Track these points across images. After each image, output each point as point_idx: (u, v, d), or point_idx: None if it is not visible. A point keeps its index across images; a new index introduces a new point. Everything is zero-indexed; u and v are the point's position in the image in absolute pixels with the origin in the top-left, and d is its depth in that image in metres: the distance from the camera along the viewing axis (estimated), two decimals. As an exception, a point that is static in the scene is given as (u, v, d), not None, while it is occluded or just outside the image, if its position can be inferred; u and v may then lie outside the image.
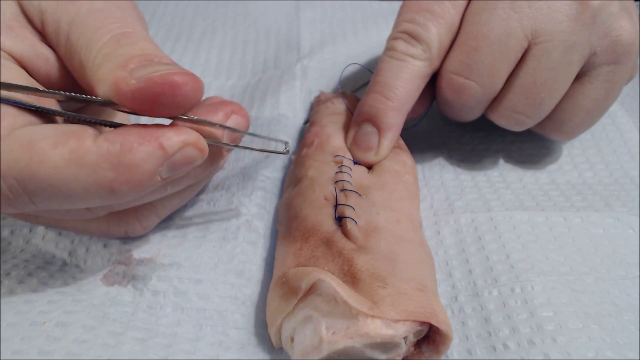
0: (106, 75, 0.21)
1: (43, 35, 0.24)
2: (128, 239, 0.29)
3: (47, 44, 0.25)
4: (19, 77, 0.23)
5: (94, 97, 0.22)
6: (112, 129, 0.22)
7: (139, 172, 0.21)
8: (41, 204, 0.21)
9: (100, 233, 0.28)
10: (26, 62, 0.24)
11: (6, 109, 0.21)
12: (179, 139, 0.21)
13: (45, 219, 0.26)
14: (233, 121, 0.26)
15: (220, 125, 0.25)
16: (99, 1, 0.24)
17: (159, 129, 0.21)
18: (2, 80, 0.21)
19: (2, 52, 0.23)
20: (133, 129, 0.21)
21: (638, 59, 0.31)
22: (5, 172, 0.20)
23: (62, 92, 0.22)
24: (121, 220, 0.27)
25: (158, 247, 0.28)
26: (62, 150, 0.20)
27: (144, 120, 0.24)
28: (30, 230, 0.30)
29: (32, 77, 0.24)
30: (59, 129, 0.21)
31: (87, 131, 0.21)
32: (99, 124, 0.23)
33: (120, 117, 0.32)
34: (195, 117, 0.24)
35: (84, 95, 0.22)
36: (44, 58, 0.24)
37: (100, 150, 0.20)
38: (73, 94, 0.22)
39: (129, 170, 0.20)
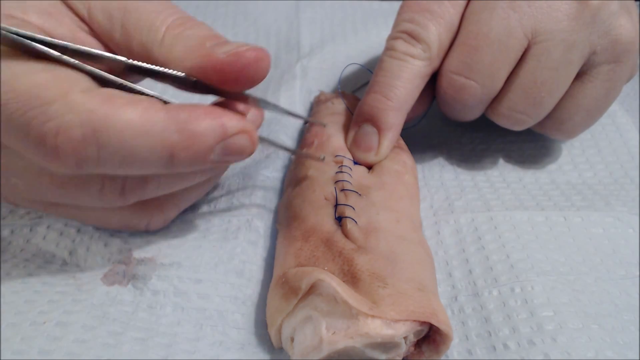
0: (186, 53, 0.23)
1: (88, 23, 0.25)
2: (128, 238, 0.29)
3: (90, 33, 0.25)
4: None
5: (173, 71, 0.24)
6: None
7: (199, 142, 0.22)
8: (104, 161, 0.21)
9: (121, 225, 0.28)
10: None
11: (82, 75, 0.22)
12: (239, 124, 0.23)
13: (65, 208, 0.26)
14: (252, 115, 0.27)
15: (274, 105, 0.28)
16: None
17: (223, 111, 0.23)
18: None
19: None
20: (199, 105, 0.23)
21: (638, 58, 0.31)
22: (84, 120, 0.20)
23: (151, 66, 0.24)
24: (145, 212, 0.28)
25: (158, 247, 0.28)
26: (137, 107, 0.21)
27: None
28: (31, 230, 0.30)
29: None
30: (132, 94, 0.22)
31: (156, 99, 0.23)
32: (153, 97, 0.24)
33: None
34: (261, 98, 0.26)
35: (167, 70, 0.24)
36: (81, 43, 0.25)
37: (169, 113, 0.22)
38: (159, 68, 0.24)
39: (192, 137, 0.22)
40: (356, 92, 0.41)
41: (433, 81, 0.32)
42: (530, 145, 0.37)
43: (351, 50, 0.47)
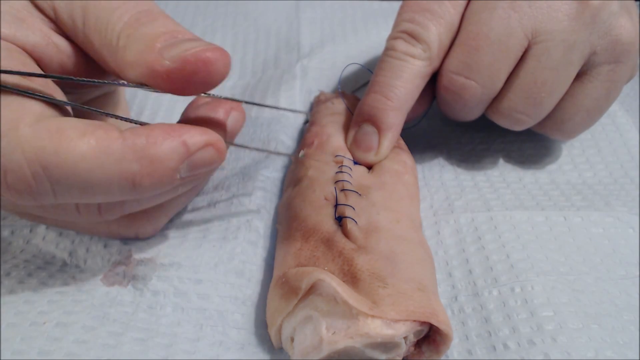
0: (136, 59, 0.22)
1: (57, 24, 0.24)
2: (129, 239, 0.29)
3: (62, 34, 0.24)
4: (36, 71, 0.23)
5: (125, 82, 0.23)
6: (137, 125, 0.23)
7: (161, 166, 0.21)
8: (61, 194, 0.21)
9: (109, 234, 0.28)
10: (39, 53, 0.24)
11: (33, 101, 0.21)
12: (202, 139, 0.22)
13: (52, 219, 0.26)
14: (233, 117, 0.26)
15: (255, 103, 0.28)
16: None
17: (182, 127, 0.22)
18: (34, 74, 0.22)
19: (15, 47, 0.23)
20: (157, 126, 0.22)
21: (638, 58, 0.31)
22: (32, 158, 0.19)
23: (96, 80, 0.23)
24: (131, 223, 0.27)
25: (158, 247, 0.28)
26: (90, 139, 0.20)
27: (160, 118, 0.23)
28: (31, 231, 0.30)
29: (45, 67, 0.24)
30: (86, 121, 0.21)
31: (112, 125, 0.21)
32: (114, 117, 0.23)
33: (121, 110, 0.32)
34: (223, 96, 0.25)
35: (118, 81, 0.23)
36: (55, 47, 0.24)
37: (126, 142, 0.21)
38: (107, 81, 0.23)
39: (152, 163, 0.21)
40: (356, 92, 0.41)
41: (433, 81, 0.32)
42: (530, 145, 0.37)
43: (351, 50, 0.47)
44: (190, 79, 0.22)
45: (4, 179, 0.20)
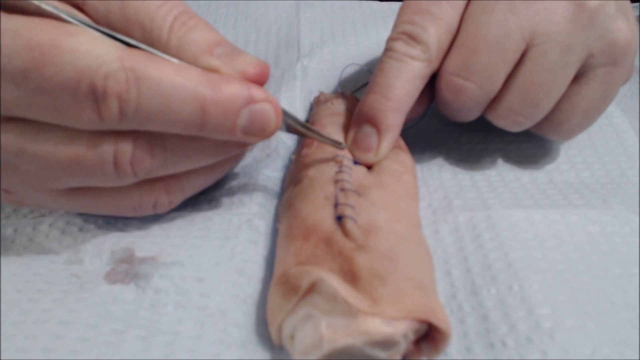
0: (193, 60, 0.25)
1: (83, 10, 0.26)
2: (130, 237, 0.29)
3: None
4: None
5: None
6: None
7: (228, 99, 0.24)
8: (140, 109, 0.23)
9: (130, 207, 0.28)
10: None
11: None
12: (263, 94, 0.25)
13: (78, 194, 0.27)
14: None
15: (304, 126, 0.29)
16: None
17: (248, 82, 0.25)
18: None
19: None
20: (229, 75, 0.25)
21: (635, 60, 0.31)
22: (129, 66, 0.22)
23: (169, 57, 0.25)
24: (151, 191, 0.28)
25: (160, 246, 0.28)
26: (173, 65, 0.24)
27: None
28: (34, 229, 0.30)
29: None
30: None
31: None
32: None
33: None
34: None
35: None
36: None
37: (203, 72, 0.24)
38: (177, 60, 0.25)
39: (222, 93, 0.24)
40: (356, 92, 0.42)
41: (432, 82, 0.33)
42: (528, 146, 0.38)
43: (351, 51, 0.47)
44: None
45: (104, 83, 0.22)
